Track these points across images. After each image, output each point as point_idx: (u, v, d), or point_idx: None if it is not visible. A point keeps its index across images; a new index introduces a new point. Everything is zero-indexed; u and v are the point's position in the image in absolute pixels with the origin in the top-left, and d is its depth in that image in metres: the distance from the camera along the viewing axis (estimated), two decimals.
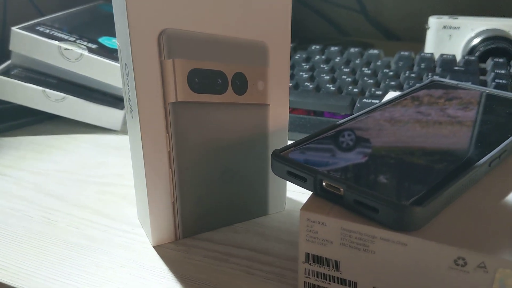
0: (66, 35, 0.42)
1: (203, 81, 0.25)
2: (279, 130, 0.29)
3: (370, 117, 0.28)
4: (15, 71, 0.43)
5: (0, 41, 0.56)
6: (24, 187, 0.35)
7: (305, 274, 0.24)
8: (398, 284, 0.21)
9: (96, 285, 0.25)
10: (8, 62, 0.44)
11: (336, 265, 0.23)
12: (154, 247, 0.28)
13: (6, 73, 0.42)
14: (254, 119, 0.28)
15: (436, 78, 0.34)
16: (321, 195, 0.23)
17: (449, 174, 0.22)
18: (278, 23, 0.26)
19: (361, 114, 0.28)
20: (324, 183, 0.22)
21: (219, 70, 0.26)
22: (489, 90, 0.32)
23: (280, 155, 0.24)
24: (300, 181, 0.23)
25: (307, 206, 0.22)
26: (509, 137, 0.26)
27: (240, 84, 0.26)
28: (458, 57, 0.51)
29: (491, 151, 0.24)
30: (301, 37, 0.71)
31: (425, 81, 0.35)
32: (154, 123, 0.25)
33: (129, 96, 0.25)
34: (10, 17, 0.72)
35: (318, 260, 0.23)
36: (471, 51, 0.52)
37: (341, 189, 0.22)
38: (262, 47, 0.26)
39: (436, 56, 0.50)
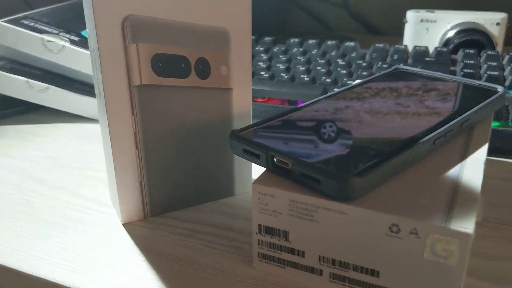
0: (50, 28, 0.44)
1: (167, 65, 0.27)
2: (243, 113, 0.30)
3: (326, 101, 0.30)
4: (1, 63, 0.44)
5: None
6: (9, 172, 0.36)
7: (258, 245, 0.25)
8: (341, 252, 0.23)
9: (69, 259, 0.27)
10: None
11: (286, 235, 0.24)
12: (123, 224, 0.30)
13: None
14: (218, 102, 0.29)
15: (400, 66, 0.36)
16: (273, 170, 0.24)
17: (392, 150, 0.24)
18: (239, 10, 0.28)
19: (320, 99, 0.30)
20: (275, 159, 0.24)
21: (182, 55, 0.27)
22: (448, 76, 0.34)
23: (237, 135, 0.26)
24: (255, 158, 0.25)
25: (259, 180, 0.24)
26: (456, 118, 0.27)
27: (203, 68, 0.28)
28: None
29: (436, 131, 0.26)
30: (287, 32, 0.73)
31: (390, 68, 0.36)
32: (120, 105, 0.27)
33: (97, 79, 0.27)
34: (0, 11, 0.74)
35: (270, 231, 0.24)
36: (446, 43, 0.53)
37: (289, 164, 0.23)
38: (224, 33, 0.28)
39: (411, 48, 0.51)
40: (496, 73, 0.42)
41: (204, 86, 0.28)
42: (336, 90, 0.31)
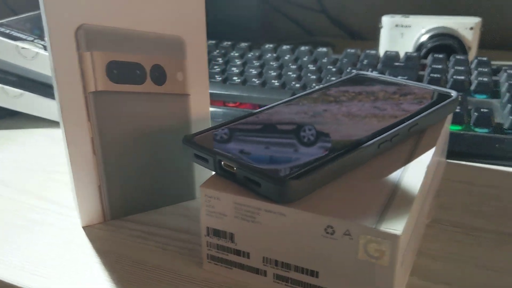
0: (25, 35, 0.45)
1: (122, 72, 0.28)
2: (201, 118, 0.31)
3: (282, 106, 0.30)
4: None
5: None
6: None
7: (207, 246, 0.26)
8: (283, 253, 0.24)
9: (29, 260, 0.27)
10: None
11: (231, 237, 0.25)
12: (83, 227, 0.30)
13: None
14: (176, 108, 0.30)
15: (360, 72, 0.37)
16: (221, 174, 0.25)
17: (333, 154, 0.24)
18: (193, 19, 0.28)
19: (277, 104, 0.31)
20: (222, 163, 0.25)
21: (137, 62, 0.28)
22: (405, 82, 0.34)
23: (188, 140, 0.26)
24: (204, 162, 0.26)
25: (206, 183, 0.25)
26: (404, 123, 0.28)
27: (159, 75, 0.29)
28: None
29: (381, 135, 0.26)
30: (269, 38, 0.73)
31: (350, 74, 0.37)
32: (75, 111, 0.27)
33: (54, 86, 0.28)
34: None
35: (217, 233, 0.25)
36: (419, 47, 0.54)
37: (234, 168, 0.24)
38: (179, 41, 0.29)
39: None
40: (462, 77, 0.43)
41: (161, 92, 0.29)
42: (296, 95, 0.32)
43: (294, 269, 0.24)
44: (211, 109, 0.44)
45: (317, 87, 0.34)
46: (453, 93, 0.32)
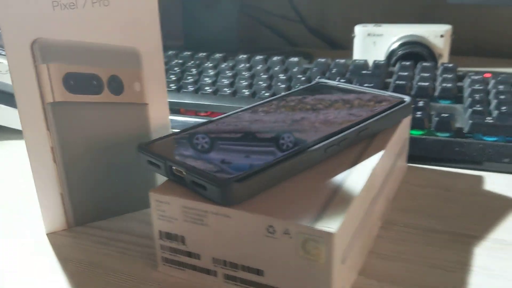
0: (1, 49, 0.46)
1: (79, 83, 0.29)
2: (160, 126, 0.32)
3: (240, 113, 0.31)
4: None
5: None
6: None
7: (161, 250, 0.27)
8: (230, 253, 0.24)
9: None
10: None
11: (182, 239, 0.26)
12: (47, 234, 0.31)
13: None
14: (135, 117, 0.31)
15: (321, 80, 0.38)
16: (172, 179, 0.26)
17: (278, 158, 0.25)
18: (149, 31, 0.30)
19: (236, 112, 0.32)
20: (173, 169, 0.26)
21: (94, 73, 0.29)
22: (362, 88, 0.35)
23: (142, 148, 0.27)
24: (157, 169, 0.26)
25: (157, 189, 0.26)
26: (353, 127, 0.29)
27: (116, 85, 0.30)
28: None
29: (329, 139, 0.27)
30: (250, 49, 0.75)
31: (312, 82, 0.38)
32: (34, 121, 0.28)
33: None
34: None
35: (169, 236, 0.26)
36: (390, 55, 0.55)
37: (184, 172, 0.25)
38: (134, 52, 0.30)
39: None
40: (427, 83, 0.44)
41: (119, 102, 0.30)
42: (256, 103, 0.33)
43: (242, 269, 0.24)
44: (183, 118, 0.45)
45: (278, 95, 0.35)
46: (406, 99, 0.33)
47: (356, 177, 0.26)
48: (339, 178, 0.26)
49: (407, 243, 0.29)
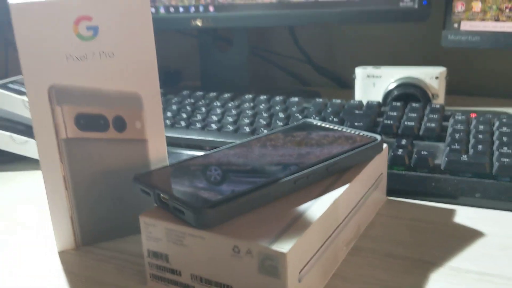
0: None
1: (88, 122, 0.34)
2: (159, 159, 0.36)
3: (230, 148, 0.36)
4: None
5: None
6: None
7: (149, 267, 0.31)
8: (205, 270, 0.28)
9: (10, 276, 0.33)
10: None
11: (166, 257, 0.30)
12: (58, 252, 0.36)
13: None
14: (136, 151, 0.36)
15: (308, 119, 0.42)
16: (160, 205, 0.30)
17: (250, 187, 0.29)
18: (148, 77, 0.35)
19: (227, 147, 0.36)
20: (161, 196, 0.30)
21: (101, 113, 0.34)
22: (341, 128, 0.39)
23: (137, 178, 0.32)
24: (148, 196, 0.31)
25: (146, 213, 0.30)
26: (322, 163, 0.33)
27: (120, 124, 0.35)
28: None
29: (298, 173, 0.31)
30: (260, 88, 0.80)
31: (299, 121, 0.42)
32: (50, 153, 0.33)
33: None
34: (11, 72, 0.84)
35: (155, 254, 0.30)
36: (387, 96, 0.59)
37: (167, 199, 0.29)
38: (136, 96, 0.35)
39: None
40: (412, 123, 0.48)
41: (122, 138, 0.35)
42: (246, 139, 0.37)
43: (215, 285, 0.28)
44: (190, 152, 0.50)
45: (267, 132, 0.39)
46: (378, 138, 0.37)
47: (317, 207, 0.30)
48: (303, 207, 0.30)
49: (369, 268, 0.32)
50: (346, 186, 0.32)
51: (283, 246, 0.25)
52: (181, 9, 0.67)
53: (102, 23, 0.32)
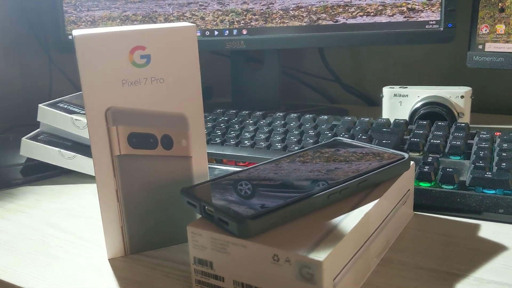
0: (79, 109, 0.56)
1: (139, 140, 0.37)
2: (201, 174, 0.40)
3: (268, 164, 0.38)
4: (41, 136, 0.57)
5: None
6: (33, 220, 0.47)
7: (195, 273, 0.34)
8: (246, 276, 0.31)
9: (66, 280, 0.36)
10: (38, 130, 0.58)
11: (211, 264, 0.33)
12: (109, 259, 0.39)
13: (35, 137, 0.57)
14: (181, 167, 0.39)
15: (338, 137, 0.45)
16: (205, 217, 0.33)
17: (288, 201, 0.32)
18: (193, 100, 0.38)
19: (265, 162, 0.39)
20: (206, 208, 0.33)
21: (151, 132, 0.37)
22: (370, 146, 0.42)
23: (184, 191, 0.35)
24: (194, 208, 0.34)
25: (193, 223, 0.33)
26: (354, 179, 0.35)
27: (168, 142, 0.38)
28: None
29: (331, 188, 0.34)
30: (290, 105, 0.83)
31: (330, 139, 0.45)
32: (105, 169, 0.37)
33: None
34: (54, 93, 0.89)
35: (201, 261, 0.33)
36: (413, 114, 0.61)
37: (212, 211, 0.32)
38: (182, 117, 0.38)
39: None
40: (438, 141, 0.50)
41: (169, 155, 0.38)
42: (280, 156, 0.40)
43: None
44: (225, 167, 0.53)
45: (300, 149, 0.42)
46: (405, 156, 0.39)
47: (350, 220, 0.32)
48: (336, 220, 0.32)
49: (399, 278, 0.34)
50: (376, 201, 0.35)
51: (320, 255, 0.28)
52: (216, 33, 0.71)
53: (154, 52, 0.36)
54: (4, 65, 0.86)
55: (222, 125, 0.61)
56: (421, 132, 0.52)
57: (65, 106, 0.57)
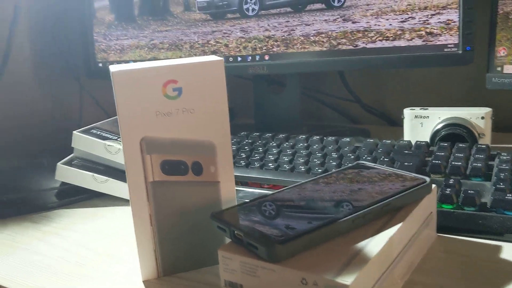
0: (111, 135, 0.59)
1: (171, 167, 0.39)
2: (229, 199, 0.41)
3: (294, 188, 0.40)
4: (75, 161, 0.60)
5: None
6: (68, 242, 0.49)
7: None
8: None
9: None
10: (72, 155, 0.61)
11: (241, 287, 0.34)
12: (143, 281, 0.41)
13: (69, 162, 0.59)
14: (210, 192, 0.41)
15: (360, 161, 0.46)
16: (235, 241, 0.35)
17: (314, 226, 0.34)
18: (221, 129, 0.40)
19: (291, 186, 0.40)
20: (235, 232, 0.35)
21: (182, 159, 0.39)
22: (391, 170, 0.43)
23: (214, 215, 0.37)
24: (224, 232, 0.36)
25: (223, 247, 0.35)
26: (377, 203, 0.37)
27: (197, 168, 0.40)
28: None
29: (356, 213, 0.35)
30: (313, 126, 0.84)
31: (353, 163, 0.46)
32: (139, 195, 0.39)
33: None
34: (85, 120, 0.93)
35: (231, 284, 0.35)
36: (435, 135, 0.62)
37: (242, 235, 0.34)
38: (211, 144, 0.40)
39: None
40: (459, 163, 0.51)
41: (199, 180, 0.40)
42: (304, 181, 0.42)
43: None
44: (250, 189, 0.55)
45: (323, 174, 0.44)
46: (427, 179, 0.40)
47: (375, 244, 0.33)
48: (361, 244, 0.34)
49: None
50: (399, 225, 0.36)
51: (346, 279, 0.30)
52: (239, 59, 0.73)
53: (185, 85, 0.38)
54: (38, 95, 0.90)
55: (246, 147, 0.63)
56: (443, 154, 0.53)
57: (98, 132, 0.59)
